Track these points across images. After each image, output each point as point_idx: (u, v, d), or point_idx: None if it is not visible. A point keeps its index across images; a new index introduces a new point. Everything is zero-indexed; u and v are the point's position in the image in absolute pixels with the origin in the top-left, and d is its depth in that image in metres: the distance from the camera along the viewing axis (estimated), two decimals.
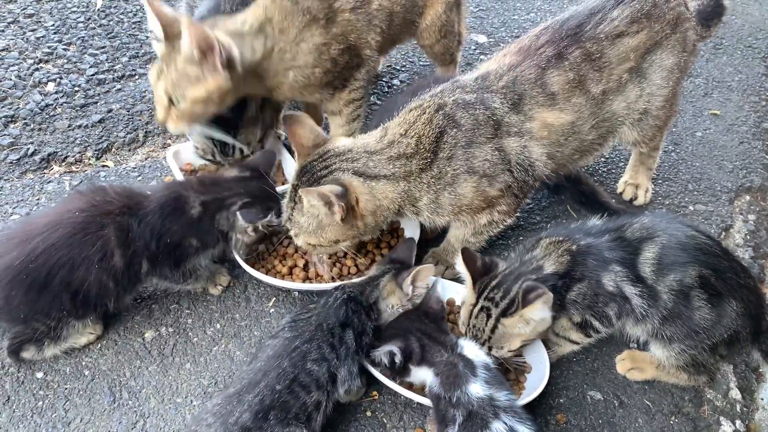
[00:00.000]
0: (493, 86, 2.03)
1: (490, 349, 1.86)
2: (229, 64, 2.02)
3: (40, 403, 1.90)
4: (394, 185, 1.94)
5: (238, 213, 2.03)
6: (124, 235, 1.93)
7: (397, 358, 1.77)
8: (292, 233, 2.04)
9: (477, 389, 1.66)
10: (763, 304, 1.93)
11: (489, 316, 1.84)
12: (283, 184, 2.53)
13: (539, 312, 1.77)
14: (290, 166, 2.58)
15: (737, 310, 1.82)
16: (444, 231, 2.31)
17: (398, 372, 1.82)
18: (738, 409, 2.07)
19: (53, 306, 1.87)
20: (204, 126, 2.31)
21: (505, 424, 1.59)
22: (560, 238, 1.91)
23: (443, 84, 2.12)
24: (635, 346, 2.11)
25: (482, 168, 1.99)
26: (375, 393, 1.97)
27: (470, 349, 1.79)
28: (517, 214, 2.23)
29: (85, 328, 2.01)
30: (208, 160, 2.48)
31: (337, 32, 2.27)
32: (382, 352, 1.79)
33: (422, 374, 1.78)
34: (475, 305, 1.87)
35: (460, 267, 1.92)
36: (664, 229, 1.86)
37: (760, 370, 2.18)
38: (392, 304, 1.94)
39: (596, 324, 1.91)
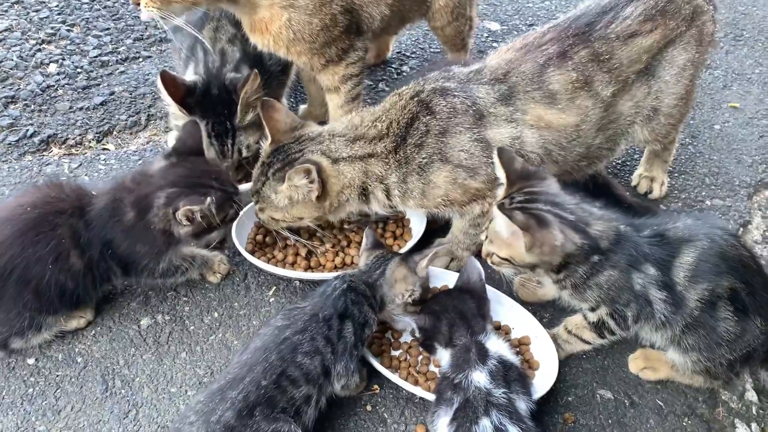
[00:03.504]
0: (484, 78, 1.98)
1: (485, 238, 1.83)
2: None
3: (31, 390, 1.85)
4: (351, 165, 1.96)
5: (162, 197, 1.87)
6: (77, 238, 1.85)
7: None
8: (257, 207, 2.08)
9: (480, 378, 1.63)
10: None
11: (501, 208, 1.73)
12: None
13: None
14: None
15: (761, 328, 1.74)
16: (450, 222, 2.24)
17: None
18: (754, 412, 1.99)
19: (18, 303, 1.81)
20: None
21: (493, 422, 1.54)
22: (613, 216, 1.79)
23: (432, 72, 2.06)
24: (648, 344, 2.02)
25: (458, 158, 1.93)
26: (376, 387, 1.89)
27: (494, 342, 1.75)
28: None
29: (69, 315, 1.95)
30: None
31: None
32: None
33: (444, 355, 1.77)
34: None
35: (497, 168, 1.82)
36: (706, 234, 1.76)
37: None
38: (401, 292, 1.84)
39: (612, 324, 1.82)
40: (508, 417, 1.57)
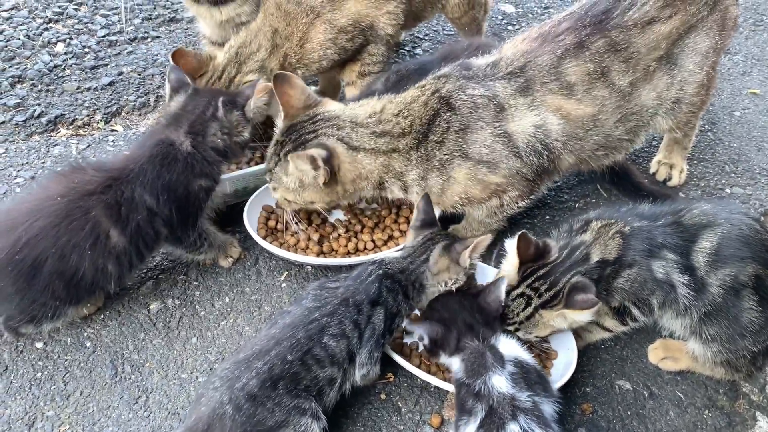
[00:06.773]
0: (500, 72, 1.93)
1: (517, 331, 1.75)
2: None
3: (39, 374, 1.82)
4: (372, 158, 1.91)
5: (221, 106, 1.96)
6: (116, 212, 1.79)
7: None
8: (270, 186, 2.04)
9: (500, 383, 1.52)
10: None
11: (528, 305, 1.72)
12: None
13: (585, 316, 1.69)
14: None
15: None
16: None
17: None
18: None
19: (45, 295, 1.76)
20: None
21: (522, 427, 1.46)
22: (611, 221, 1.77)
23: (450, 65, 2.01)
24: (668, 334, 1.98)
25: (479, 154, 1.89)
26: (390, 375, 1.86)
27: (506, 344, 1.65)
28: (539, 195, 2.12)
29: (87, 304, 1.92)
30: None
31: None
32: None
33: (451, 362, 1.67)
34: (515, 289, 1.75)
35: (511, 250, 1.78)
36: (726, 219, 1.70)
37: None
38: (445, 280, 1.78)
39: (635, 312, 1.78)
40: (536, 421, 1.48)
